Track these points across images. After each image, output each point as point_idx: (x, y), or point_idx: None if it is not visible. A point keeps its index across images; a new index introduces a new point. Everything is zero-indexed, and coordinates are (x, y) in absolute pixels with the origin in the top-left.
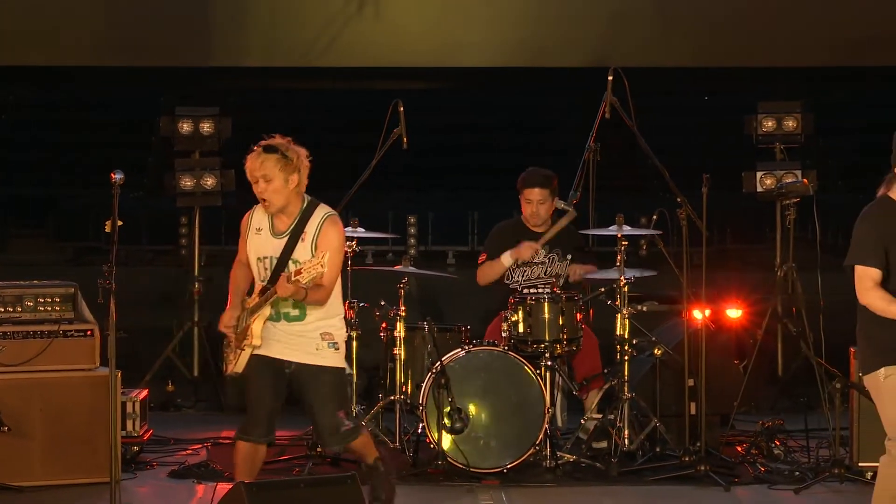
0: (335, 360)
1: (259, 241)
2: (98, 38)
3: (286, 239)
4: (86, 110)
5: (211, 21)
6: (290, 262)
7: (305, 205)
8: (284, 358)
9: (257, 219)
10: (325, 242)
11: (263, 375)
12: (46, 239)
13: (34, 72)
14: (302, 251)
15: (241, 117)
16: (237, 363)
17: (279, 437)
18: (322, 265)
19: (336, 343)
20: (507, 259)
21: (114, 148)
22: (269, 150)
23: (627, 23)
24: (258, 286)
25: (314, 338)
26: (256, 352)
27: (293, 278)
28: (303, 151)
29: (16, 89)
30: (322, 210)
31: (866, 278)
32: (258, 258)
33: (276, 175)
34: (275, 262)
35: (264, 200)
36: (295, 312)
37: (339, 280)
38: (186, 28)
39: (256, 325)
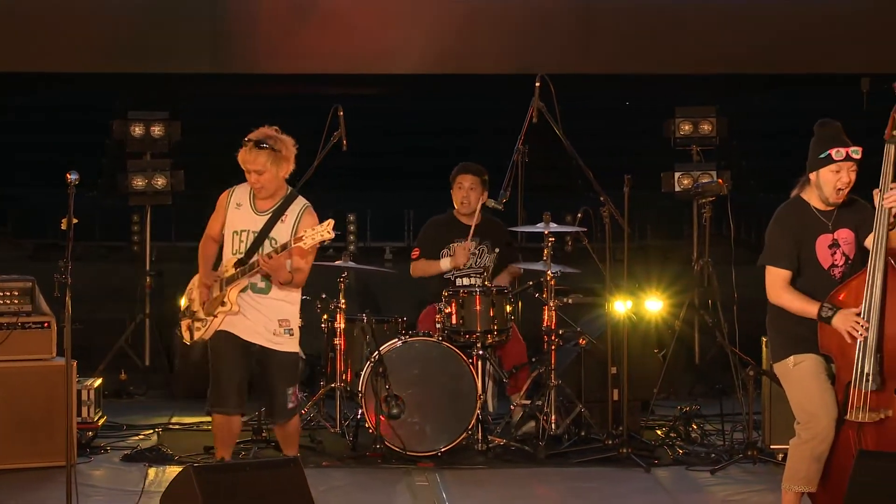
0: (290, 345)
1: (239, 215)
2: (54, 43)
3: (268, 216)
4: (42, 112)
5: (160, 28)
6: (267, 239)
7: (289, 191)
8: (249, 339)
9: (238, 195)
10: (308, 225)
11: (231, 350)
12: (6, 236)
13: None
14: (281, 231)
15: (190, 121)
16: (206, 330)
17: None
18: (329, 232)
19: (291, 329)
20: (445, 264)
21: (69, 149)
22: (260, 145)
23: (551, 32)
24: (230, 258)
25: (272, 319)
26: (223, 327)
27: (294, 244)
28: (290, 140)
29: None
30: (302, 200)
31: (778, 279)
32: (235, 231)
33: (268, 168)
34: (253, 236)
35: (258, 188)
36: (261, 285)
37: None
38: (137, 35)
39: (233, 294)
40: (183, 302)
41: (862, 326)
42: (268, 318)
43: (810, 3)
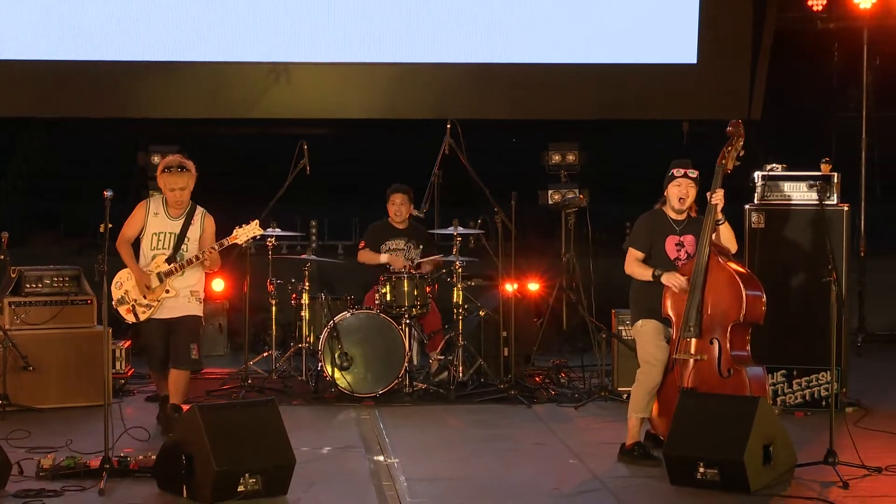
0: (197, 309)
1: (157, 221)
2: (100, 94)
3: (182, 221)
4: (81, 150)
5: (172, 83)
6: (185, 237)
7: (190, 203)
8: (170, 317)
9: (154, 206)
10: (209, 225)
11: (158, 330)
12: (59, 238)
13: (49, 122)
14: (193, 231)
15: (194, 152)
16: (153, 311)
17: (222, 373)
18: (258, 228)
19: (201, 298)
20: (384, 258)
21: (105, 174)
22: (184, 168)
23: (460, 87)
24: (155, 255)
25: (187, 293)
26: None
27: (230, 240)
28: (192, 163)
29: (33, 132)
30: (201, 208)
31: (632, 256)
32: (154, 233)
33: (188, 185)
34: (174, 237)
35: (178, 201)
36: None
37: None
38: (155, 89)
39: (172, 282)
40: (115, 292)
41: (681, 281)
42: (183, 295)
43: (644, 67)
